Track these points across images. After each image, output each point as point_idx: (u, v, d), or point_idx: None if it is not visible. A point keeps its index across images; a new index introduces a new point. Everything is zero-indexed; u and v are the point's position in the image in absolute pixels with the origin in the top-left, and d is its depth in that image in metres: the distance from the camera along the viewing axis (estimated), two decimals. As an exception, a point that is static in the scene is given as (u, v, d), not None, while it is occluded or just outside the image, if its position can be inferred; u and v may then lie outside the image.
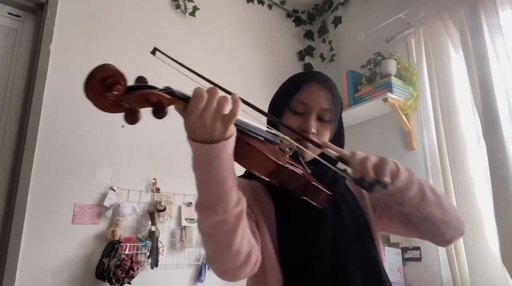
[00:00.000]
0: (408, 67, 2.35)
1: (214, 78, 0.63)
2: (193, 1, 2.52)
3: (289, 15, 3.18)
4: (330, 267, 0.79)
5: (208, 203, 0.62)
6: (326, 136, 0.90)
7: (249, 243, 0.70)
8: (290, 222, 0.82)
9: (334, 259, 0.79)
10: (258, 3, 2.95)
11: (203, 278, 2.11)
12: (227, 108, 0.58)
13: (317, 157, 0.79)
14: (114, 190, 1.95)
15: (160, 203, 2.06)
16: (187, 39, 2.46)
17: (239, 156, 0.64)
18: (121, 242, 1.86)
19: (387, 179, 0.71)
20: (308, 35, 3.22)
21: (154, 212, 2.03)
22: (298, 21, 3.20)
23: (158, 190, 2.10)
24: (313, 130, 0.86)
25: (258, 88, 2.58)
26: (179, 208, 2.17)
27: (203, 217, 0.64)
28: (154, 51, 0.79)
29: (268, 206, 0.85)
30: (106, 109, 0.55)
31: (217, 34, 2.64)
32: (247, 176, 0.90)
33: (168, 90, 0.59)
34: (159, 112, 0.55)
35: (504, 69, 1.82)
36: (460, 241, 1.87)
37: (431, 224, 0.83)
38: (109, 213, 1.91)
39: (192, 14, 2.51)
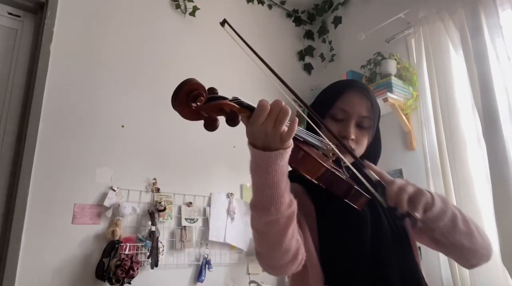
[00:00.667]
0: (408, 67, 2.35)
1: (214, 78, 0.64)
2: (193, 1, 2.52)
3: (289, 15, 3.18)
4: (370, 268, 0.81)
5: (263, 203, 0.66)
6: (364, 143, 0.94)
7: (297, 242, 0.74)
8: (330, 223, 0.85)
9: (374, 260, 0.82)
10: (258, 3, 2.95)
11: (203, 278, 2.11)
12: (286, 121, 0.63)
13: (357, 174, 0.81)
14: (114, 190, 1.95)
15: (160, 203, 2.06)
16: (187, 39, 2.47)
17: (293, 160, 0.70)
18: (121, 242, 1.86)
19: (417, 215, 0.75)
20: (308, 35, 3.22)
21: (154, 212, 2.03)
22: (298, 21, 3.20)
23: (158, 190, 2.10)
24: (352, 136, 0.90)
25: (258, 88, 2.58)
26: (179, 208, 2.17)
27: (257, 216, 0.69)
28: (223, 22, 0.86)
29: (308, 207, 0.88)
30: (188, 117, 0.62)
31: (217, 34, 2.63)
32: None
33: (237, 101, 0.64)
34: (233, 120, 0.61)
35: (504, 69, 1.82)
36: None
37: (457, 250, 0.86)
38: (109, 213, 1.91)
39: (192, 14, 2.51)
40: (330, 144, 0.80)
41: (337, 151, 0.80)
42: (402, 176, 2.29)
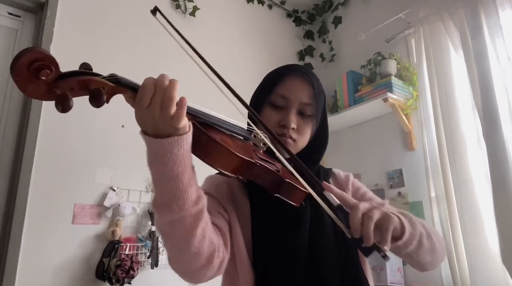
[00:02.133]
0: (408, 67, 2.35)
1: (214, 78, 0.63)
2: (193, 1, 2.52)
3: (289, 15, 3.18)
4: (305, 269, 0.76)
5: (163, 200, 0.59)
6: (307, 132, 0.87)
7: (211, 244, 0.66)
8: (264, 221, 0.80)
9: (310, 260, 0.77)
10: (258, 3, 2.95)
11: (203, 278, 2.10)
12: (174, 102, 0.55)
13: (304, 167, 0.68)
14: (114, 190, 1.95)
15: (160, 203, 2.05)
16: (187, 39, 2.46)
17: (200, 151, 0.61)
18: (121, 242, 1.86)
19: (387, 248, 0.62)
20: (308, 35, 3.22)
21: (154, 212, 2.02)
22: (298, 21, 3.20)
23: (158, 190, 2.10)
24: (293, 125, 0.83)
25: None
26: (179, 208, 2.17)
27: (159, 214, 0.61)
28: (154, 11, 0.77)
29: (243, 204, 0.83)
30: (36, 96, 0.51)
31: (217, 34, 2.64)
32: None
33: (112, 78, 0.56)
34: (96, 100, 0.52)
35: (504, 69, 1.82)
36: (460, 241, 1.87)
37: (418, 265, 0.82)
38: (109, 213, 1.91)
39: (192, 14, 2.51)
40: (258, 131, 0.72)
41: (262, 136, 0.70)
42: (403, 176, 2.29)
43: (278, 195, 0.71)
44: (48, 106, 1.86)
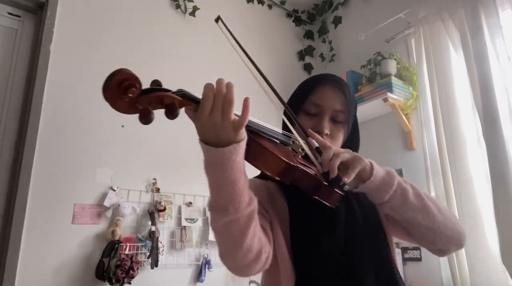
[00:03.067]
0: (408, 67, 2.35)
1: (214, 78, 0.64)
2: (193, 1, 2.52)
3: (289, 15, 3.18)
4: (343, 268, 0.80)
5: (221, 203, 0.64)
6: (339, 138, 0.91)
7: (260, 241, 0.72)
8: (302, 221, 0.84)
9: (347, 258, 0.81)
10: (258, 3, 2.95)
11: (203, 278, 2.11)
12: (233, 108, 0.59)
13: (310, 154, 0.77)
14: (114, 190, 1.95)
15: (160, 203, 2.06)
16: (187, 39, 2.47)
17: (250, 156, 0.67)
18: (121, 242, 1.86)
19: (346, 179, 0.69)
20: (308, 35, 3.22)
21: (154, 212, 2.03)
22: (298, 21, 3.20)
23: (158, 190, 2.10)
24: (326, 131, 0.87)
25: (258, 88, 2.58)
26: (179, 208, 2.17)
27: (216, 216, 0.66)
28: (217, 19, 0.85)
29: (282, 205, 0.87)
30: (122, 110, 0.59)
31: (217, 34, 2.63)
32: (262, 176, 0.92)
33: (180, 93, 0.61)
34: (171, 113, 0.58)
35: (504, 69, 1.82)
36: (460, 241, 1.87)
37: (417, 230, 0.83)
38: (109, 213, 1.91)
39: (192, 14, 2.51)
40: (298, 137, 0.77)
41: (301, 142, 0.76)
42: (402, 176, 2.28)
43: (316, 197, 0.76)
44: (48, 106, 1.86)
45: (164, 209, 2.05)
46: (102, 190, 1.93)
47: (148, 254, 1.92)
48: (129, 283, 1.81)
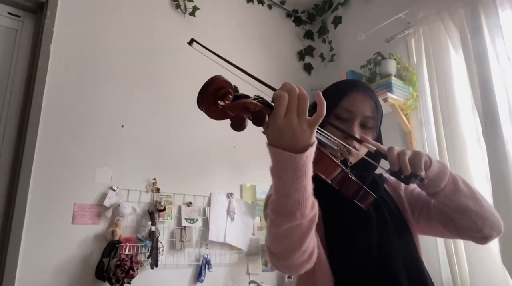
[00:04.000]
0: (408, 67, 2.35)
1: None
2: (193, 1, 2.52)
3: (289, 15, 3.18)
4: (377, 267, 0.82)
5: (288, 209, 0.63)
6: None
7: (314, 241, 0.73)
8: (338, 223, 0.86)
9: (380, 259, 0.83)
10: (258, 3, 2.95)
11: (203, 278, 2.11)
12: (307, 106, 0.59)
13: (365, 157, 0.84)
14: (114, 190, 1.95)
15: (160, 203, 2.06)
16: (187, 39, 2.46)
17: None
18: (121, 242, 1.86)
19: (422, 173, 0.75)
20: (308, 35, 3.22)
21: (154, 212, 2.03)
22: (298, 21, 3.20)
23: (158, 190, 2.10)
24: (357, 136, 0.90)
25: (258, 88, 2.58)
26: (179, 208, 2.17)
27: (280, 220, 0.65)
28: (191, 42, 0.82)
29: None
30: (215, 117, 0.59)
31: (217, 34, 2.64)
32: None
33: (260, 99, 0.61)
34: (260, 120, 0.58)
35: (504, 69, 1.82)
36: (460, 241, 1.87)
37: (467, 217, 0.86)
38: (109, 213, 1.91)
39: (192, 14, 2.51)
40: (342, 142, 0.78)
41: (345, 149, 0.78)
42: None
43: (355, 201, 0.77)
44: (47, 107, 1.86)
45: (164, 209, 2.05)
46: (102, 190, 1.93)
47: (148, 254, 1.92)
48: (129, 283, 1.81)
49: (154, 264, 1.92)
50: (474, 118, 1.95)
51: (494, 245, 1.78)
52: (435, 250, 2.01)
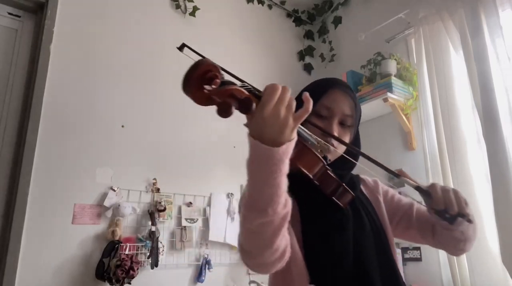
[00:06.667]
0: (408, 67, 2.35)
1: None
2: (193, 1, 2.52)
3: (289, 15, 3.18)
4: (352, 266, 0.83)
5: (260, 205, 0.63)
6: (345, 140, 0.94)
7: (286, 240, 0.73)
8: (314, 221, 0.85)
9: (356, 259, 0.83)
10: (258, 3, 2.95)
11: (203, 278, 2.11)
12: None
13: (344, 155, 0.83)
14: (114, 190, 1.95)
15: (160, 203, 2.06)
16: (187, 39, 2.46)
17: (294, 154, 0.65)
18: (121, 242, 1.86)
19: (468, 212, 0.73)
20: (308, 35, 3.22)
21: (154, 212, 2.03)
22: (298, 21, 3.20)
23: (158, 190, 2.10)
24: (335, 133, 0.90)
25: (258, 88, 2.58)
26: (179, 208, 2.17)
27: (252, 217, 0.65)
28: (182, 47, 0.81)
29: (292, 205, 0.88)
30: (201, 102, 0.57)
31: (217, 34, 2.64)
32: None
33: (246, 87, 0.60)
34: (247, 108, 0.56)
35: (504, 69, 1.82)
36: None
37: (460, 242, 0.88)
38: (109, 213, 1.91)
39: (192, 14, 2.51)
40: (320, 140, 0.78)
41: (325, 144, 0.77)
42: (402, 176, 2.28)
43: (334, 198, 0.77)
44: (47, 106, 1.86)
45: (164, 209, 2.05)
46: (102, 190, 1.93)
47: (148, 254, 1.92)
48: (129, 283, 1.81)
49: (154, 264, 1.92)
50: (474, 118, 1.95)
51: (494, 245, 1.78)
52: (435, 250, 2.01)
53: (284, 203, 0.65)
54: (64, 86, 1.93)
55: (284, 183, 0.63)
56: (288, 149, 0.60)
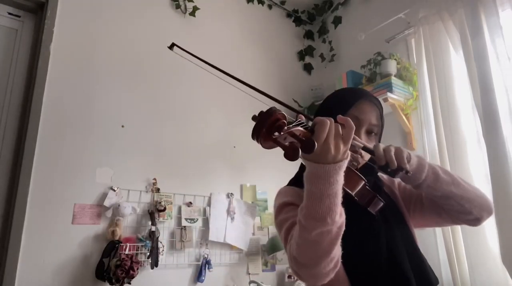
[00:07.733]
0: (408, 67, 2.35)
1: (214, 78, 0.64)
2: (193, 1, 2.52)
3: (289, 15, 3.18)
4: (388, 266, 0.87)
5: (320, 214, 0.67)
6: None
7: (339, 250, 0.75)
8: (349, 228, 0.87)
9: (390, 259, 0.87)
10: (258, 3, 2.95)
11: (203, 278, 2.11)
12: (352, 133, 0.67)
13: (368, 162, 0.89)
14: (114, 190, 1.95)
15: (160, 203, 2.06)
16: (187, 39, 2.46)
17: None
18: (121, 242, 1.86)
19: (407, 166, 0.80)
20: (308, 35, 3.22)
21: (154, 212, 2.03)
22: (298, 21, 3.20)
23: (158, 190, 2.10)
24: (363, 142, 0.94)
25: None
26: (179, 208, 2.17)
27: (311, 226, 0.69)
28: (172, 46, 0.83)
29: None
30: (268, 147, 0.61)
31: (217, 34, 2.64)
32: (293, 182, 0.98)
33: (304, 125, 0.64)
34: (310, 148, 0.58)
35: (504, 69, 1.82)
36: (460, 241, 1.87)
37: (453, 201, 0.91)
38: (109, 213, 1.91)
39: (192, 14, 2.51)
40: (350, 152, 0.81)
41: (359, 159, 0.83)
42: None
43: (369, 209, 0.80)
44: (47, 106, 1.86)
45: (164, 209, 2.05)
46: (102, 190, 1.93)
47: (148, 254, 1.92)
48: (129, 283, 1.81)
49: (154, 264, 1.92)
50: (474, 118, 1.95)
51: (494, 245, 1.78)
52: (435, 250, 2.01)
53: (340, 213, 0.70)
54: (64, 86, 1.93)
55: (340, 193, 0.68)
56: (344, 164, 0.67)
